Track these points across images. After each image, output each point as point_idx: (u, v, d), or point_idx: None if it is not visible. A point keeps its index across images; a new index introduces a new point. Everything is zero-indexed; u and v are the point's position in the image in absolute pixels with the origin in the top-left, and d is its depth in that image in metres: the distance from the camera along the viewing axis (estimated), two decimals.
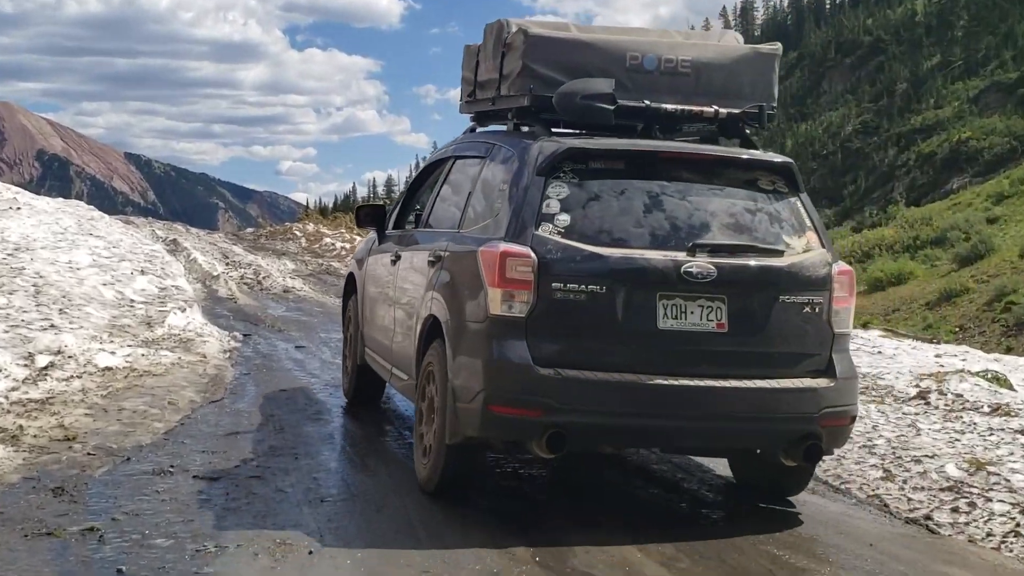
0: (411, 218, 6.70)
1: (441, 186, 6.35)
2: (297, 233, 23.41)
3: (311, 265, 18.13)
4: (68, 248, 11.67)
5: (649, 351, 4.83)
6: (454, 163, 6.32)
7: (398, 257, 6.41)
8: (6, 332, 7.69)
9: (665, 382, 4.76)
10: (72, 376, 7.13)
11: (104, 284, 10.33)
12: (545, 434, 4.67)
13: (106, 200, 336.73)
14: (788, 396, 4.93)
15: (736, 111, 5.60)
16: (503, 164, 5.36)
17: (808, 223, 5.25)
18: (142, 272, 11.58)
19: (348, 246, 20.87)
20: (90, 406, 6.54)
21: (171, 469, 5.33)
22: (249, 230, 31.36)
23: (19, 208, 13.85)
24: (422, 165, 7.16)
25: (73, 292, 9.52)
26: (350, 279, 7.87)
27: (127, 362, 7.79)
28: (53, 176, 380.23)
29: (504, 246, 4.83)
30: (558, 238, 4.82)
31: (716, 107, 5.55)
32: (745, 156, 5.33)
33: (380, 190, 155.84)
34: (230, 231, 39.12)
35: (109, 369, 7.51)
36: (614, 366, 4.77)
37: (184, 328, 9.49)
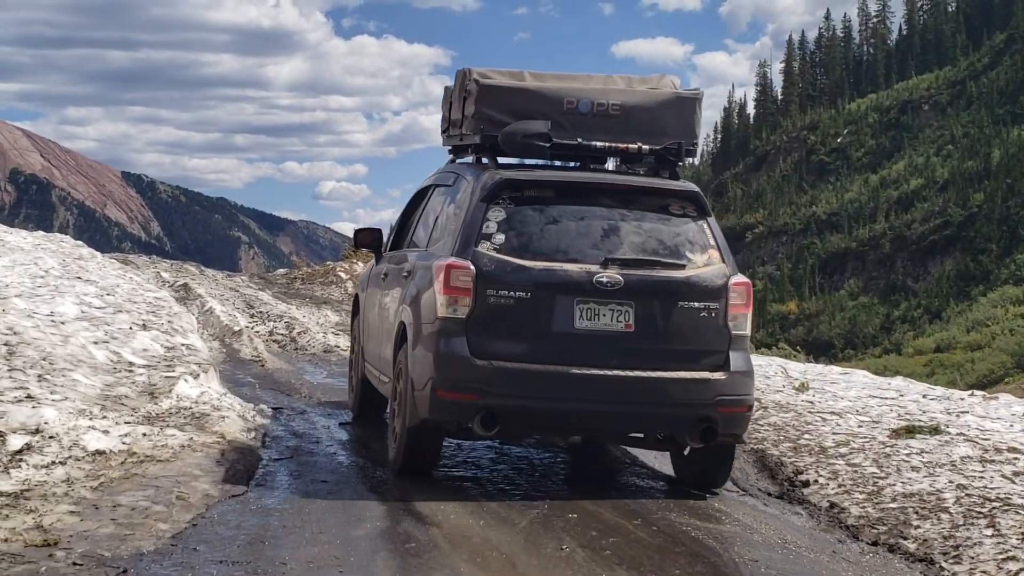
0: (404, 240, 9.85)
1: (422, 211, 9.69)
2: (342, 275, 23.71)
3: None
4: (50, 296, 11.93)
5: (567, 347, 7.80)
6: (433, 191, 9.58)
7: (386, 275, 9.67)
8: None
9: (580, 372, 7.74)
10: (54, 462, 7.25)
11: (95, 343, 10.54)
12: (479, 415, 7.67)
13: (98, 233, 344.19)
14: (687, 386, 7.92)
15: (658, 147, 8.58)
16: (461, 192, 8.52)
17: (711, 242, 8.28)
18: (144, 327, 11.79)
19: None
20: (76, 501, 6.64)
21: None
22: (280, 271, 31.85)
23: None
24: (414, 192, 10.32)
25: (56, 353, 9.72)
26: (355, 300, 11.47)
27: (124, 444, 7.90)
28: (30, 202, 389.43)
29: (449, 260, 7.86)
30: (494, 253, 7.85)
31: (640, 144, 8.56)
32: (658, 185, 8.42)
33: None
34: (256, 272, 39.69)
35: (101, 453, 7.63)
36: (538, 359, 7.76)
37: (197, 400, 9.62)
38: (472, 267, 7.76)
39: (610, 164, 9.12)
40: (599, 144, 8.55)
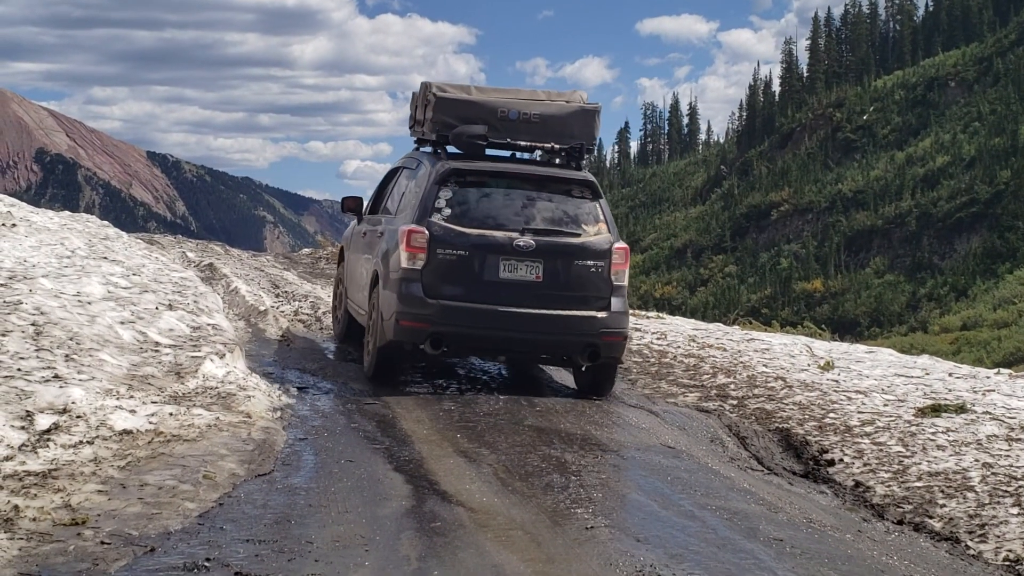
0: (381, 208, 13.07)
1: (393, 185, 12.98)
2: None
3: None
4: (76, 276, 11.98)
5: (493, 291, 10.90)
6: (402, 171, 12.85)
7: (365, 234, 12.97)
8: None
9: (503, 309, 10.86)
10: (81, 442, 7.30)
11: (122, 323, 10.58)
12: (429, 338, 10.81)
13: (124, 213, 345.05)
14: (580, 321, 11.07)
15: (566, 147, 11.84)
16: (420, 175, 11.74)
17: (602, 217, 11.39)
18: (169, 307, 11.84)
19: None
20: (104, 480, 6.69)
21: (207, 564, 5.42)
22: (305, 250, 31.90)
23: (14, 224, 14.28)
24: (388, 170, 13.78)
25: (83, 333, 9.77)
26: (341, 251, 14.74)
27: (151, 423, 7.94)
28: (56, 182, 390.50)
29: (411, 226, 10.97)
30: (442, 222, 10.96)
31: (554, 144, 11.84)
32: (563, 174, 11.54)
33: None
34: (281, 252, 39.78)
35: (128, 433, 7.67)
36: (472, 299, 10.89)
37: (223, 379, 9.66)
38: (427, 232, 10.93)
39: (537, 155, 12.14)
40: (523, 143, 11.96)
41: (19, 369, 8.33)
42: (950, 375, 12.92)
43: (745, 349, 14.61)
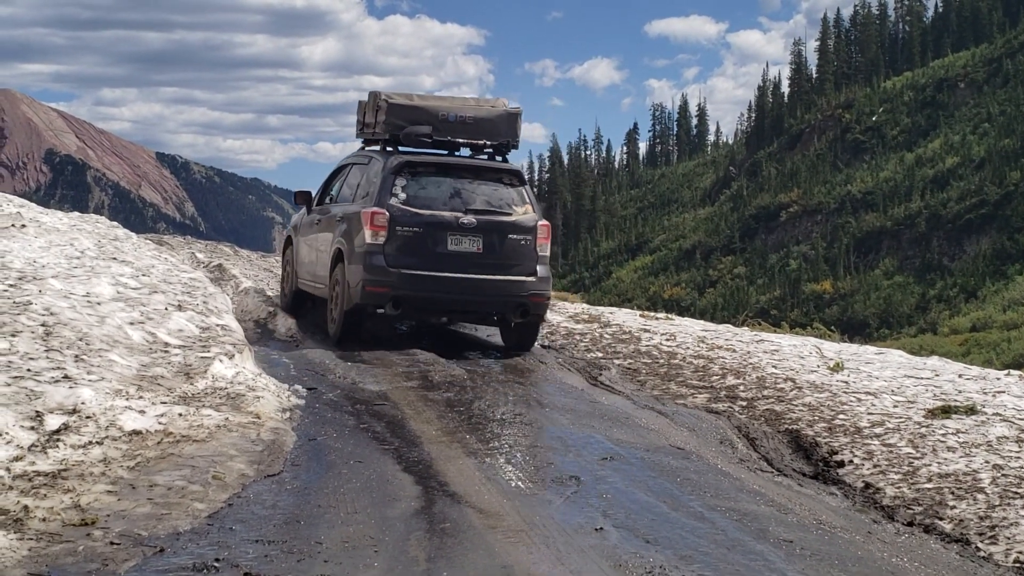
0: (327, 199, 15.57)
1: (344, 180, 15.19)
2: None
3: None
4: (86, 277, 12.00)
5: (442, 261, 13.07)
6: (351, 167, 15.11)
7: (318, 221, 15.13)
8: (7, 385, 7.91)
9: (451, 275, 13.03)
10: (91, 442, 7.30)
11: (131, 323, 10.59)
12: (390, 301, 12.97)
13: (133, 213, 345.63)
14: (511, 285, 13.31)
15: (494, 143, 14.26)
16: (375, 167, 13.79)
17: (527, 200, 13.75)
18: (179, 308, 11.85)
19: None
20: (113, 481, 6.70)
21: (216, 564, 5.43)
22: None
23: (23, 225, 14.30)
24: (333, 168, 16.19)
25: (92, 334, 9.78)
26: (287, 239, 16.89)
27: (160, 424, 7.95)
28: (66, 183, 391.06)
29: (374, 208, 13.09)
30: (399, 204, 13.12)
31: (485, 141, 14.22)
32: (495, 165, 13.94)
33: None
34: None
35: (137, 433, 7.68)
36: (426, 268, 13.00)
37: (232, 380, 9.67)
38: (387, 212, 13.18)
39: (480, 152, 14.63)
40: (460, 141, 14.34)
41: (29, 369, 8.34)
42: (960, 376, 12.88)
43: (754, 350, 14.59)
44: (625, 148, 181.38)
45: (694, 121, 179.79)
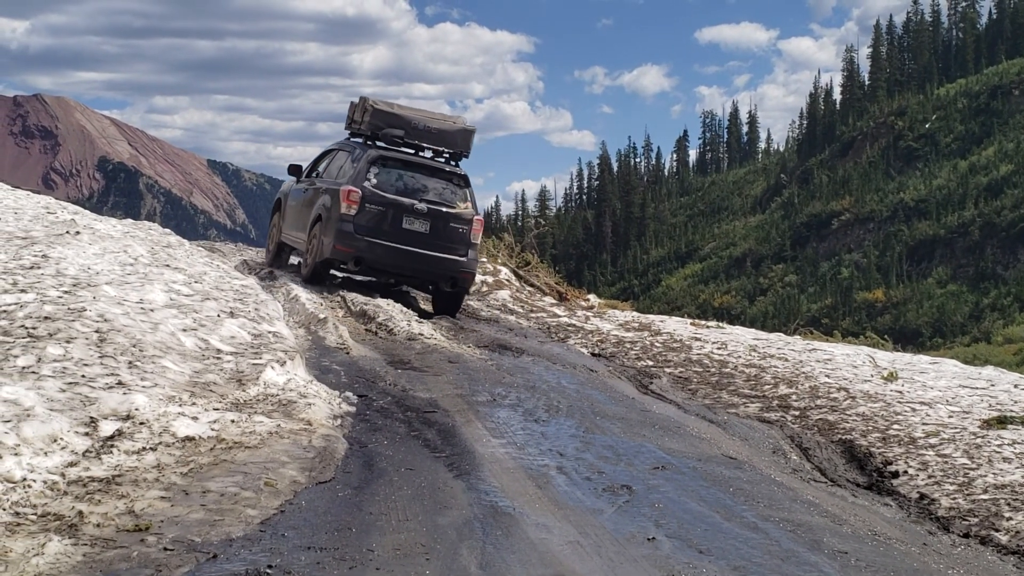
0: (314, 174, 19.46)
1: (330, 161, 19.15)
2: None
3: None
4: (139, 284, 12.07)
5: (399, 235, 17.16)
6: (337, 152, 19.07)
7: (305, 190, 19.09)
8: (62, 391, 7.97)
9: (403, 247, 17.14)
10: (144, 448, 7.34)
11: (184, 330, 10.65)
12: (352, 259, 17.18)
13: (184, 220, 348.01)
14: (448, 261, 17.29)
15: (450, 152, 18.32)
16: (356, 156, 17.95)
17: (468, 199, 17.71)
18: (231, 315, 11.90)
19: (491, 279, 21.06)
20: (167, 487, 6.73)
21: (268, 571, 5.44)
22: None
23: (78, 232, 14.40)
24: (323, 150, 20.17)
25: (145, 340, 9.84)
26: (277, 201, 20.92)
27: (213, 430, 7.99)
28: (119, 190, 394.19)
29: (351, 187, 17.17)
30: (370, 187, 17.22)
31: (443, 148, 18.28)
32: (448, 168, 17.90)
33: (531, 205, 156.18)
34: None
35: (190, 439, 7.72)
36: (385, 239, 17.10)
37: (284, 387, 9.70)
38: (360, 192, 17.01)
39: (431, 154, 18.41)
40: (426, 146, 18.18)
41: (83, 376, 8.40)
42: (1015, 387, 12.76)
43: (807, 359, 14.50)
44: (675, 155, 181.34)
45: (744, 128, 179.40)
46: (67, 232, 14.26)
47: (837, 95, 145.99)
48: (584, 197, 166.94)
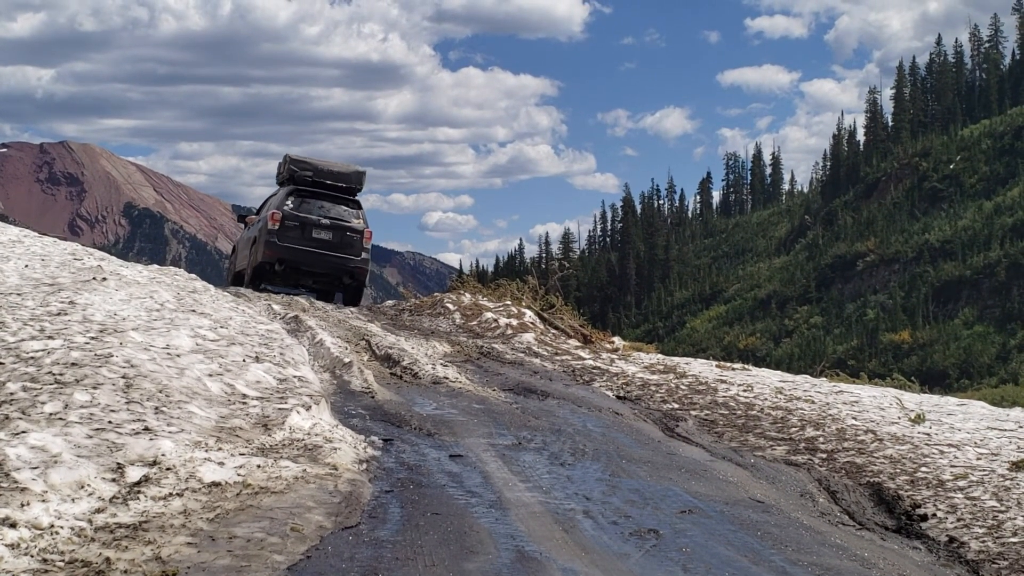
0: (254, 216, 28.25)
1: (265, 203, 27.97)
2: (449, 306, 23.74)
3: (468, 348, 18.34)
4: (165, 329, 12.13)
5: (311, 243, 25.34)
6: (270, 198, 27.39)
7: (248, 227, 28.01)
8: (89, 437, 8.00)
9: (314, 251, 25.38)
10: (171, 494, 7.36)
11: (210, 375, 10.69)
12: (277, 260, 25.10)
13: (209, 265, 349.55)
14: (347, 260, 25.77)
15: (349, 187, 26.72)
16: (280, 193, 26.44)
17: (360, 217, 26.08)
18: (256, 359, 11.94)
19: (515, 322, 21.04)
20: (193, 533, 6.74)
21: None
22: (389, 302, 31.96)
23: (104, 278, 14.49)
24: (263, 202, 29.42)
25: (172, 385, 9.88)
26: (233, 247, 30.36)
27: (239, 476, 8.00)
28: (144, 236, 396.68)
29: (274, 211, 25.32)
30: (288, 209, 25.32)
31: (344, 185, 26.62)
32: (345, 198, 26.30)
33: (555, 248, 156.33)
34: (365, 304, 39.92)
35: (217, 485, 7.73)
36: (300, 245, 25.30)
37: (309, 431, 9.71)
38: (281, 212, 24.76)
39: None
40: (329, 183, 25.97)
41: (110, 422, 8.44)
42: None
43: (833, 401, 14.44)
44: (698, 197, 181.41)
45: (768, 170, 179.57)
46: (94, 278, 14.34)
47: (861, 136, 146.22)
48: (608, 239, 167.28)
